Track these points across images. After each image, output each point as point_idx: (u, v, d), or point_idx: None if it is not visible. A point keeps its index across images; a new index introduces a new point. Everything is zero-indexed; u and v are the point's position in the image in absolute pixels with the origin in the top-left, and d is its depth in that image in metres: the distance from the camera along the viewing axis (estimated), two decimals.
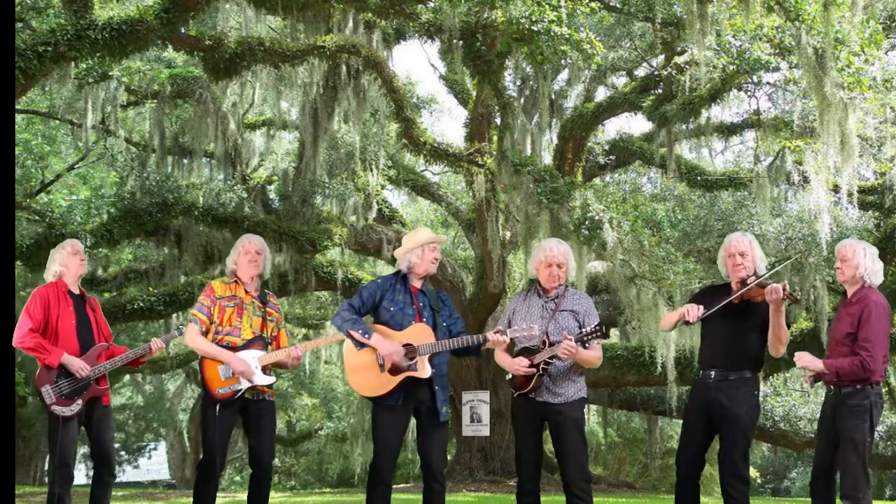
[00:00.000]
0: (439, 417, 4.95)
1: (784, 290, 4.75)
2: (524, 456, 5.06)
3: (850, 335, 5.04)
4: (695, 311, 4.97)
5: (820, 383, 5.36)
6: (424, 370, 4.86)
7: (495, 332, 4.94)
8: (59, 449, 5.30)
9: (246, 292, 5.38)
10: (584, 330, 4.93)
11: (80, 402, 5.37)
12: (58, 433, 5.30)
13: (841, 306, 5.28)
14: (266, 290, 5.59)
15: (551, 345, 4.91)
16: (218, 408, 5.14)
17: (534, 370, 4.93)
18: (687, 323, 5.06)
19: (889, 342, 5.24)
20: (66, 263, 5.62)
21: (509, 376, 5.14)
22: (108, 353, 5.61)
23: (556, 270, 5.09)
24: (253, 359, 5.23)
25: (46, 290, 5.53)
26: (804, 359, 5.15)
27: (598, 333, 4.89)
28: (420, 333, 4.92)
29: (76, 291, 5.65)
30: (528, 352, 5.01)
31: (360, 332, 4.88)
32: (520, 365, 4.96)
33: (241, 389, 5.19)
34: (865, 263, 5.13)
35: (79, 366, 5.36)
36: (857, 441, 4.96)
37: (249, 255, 5.38)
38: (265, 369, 5.29)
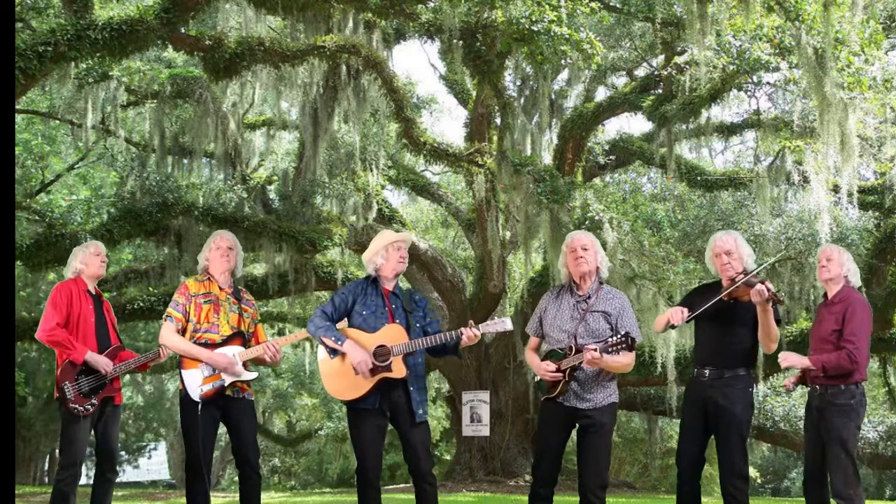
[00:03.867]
0: (416, 419, 4.90)
1: (768, 290, 4.78)
2: (543, 460, 4.99)
3: (835, 332, 5.17)
4: (678, 316, 4.98)
5: (802, 385, 5.48)
6: (400, 370, 4.85)
7: (469, 329, 4.87)
8: (70, 447, 5.34)
9: (220, 289, 5.35)
10: (609, 340, 4.76)
11: (95, 401, 5.41)
12: (74, 430, 5.33)
13: (822, 307, 5.42)
14: (239, 287, 5.57)
15: (578, 350, 4.78)
16: (200, 407, 5.10)
17: (559, 376, 4.83)
18: (673, 326, 5.08)
19: (870, 342, 5.35)
20: (87, 262, 5.66)
21: (537, 379, 5.06)
22: (121, 355, 5.66)
23: (582, 252, 4.98)
24: (233, 354, 5.20)
25: (69, 285, 5.56)
26: (790, 358, 5.25)
27: (624, 345, 4.71)
28: (393, 334, 4.91)
29: (93, 291, 5.69)
30: (555, 356, 4.92)
31: (333, 338, 4.88)
32: (546, 370, 4.88)
33: (223, 385, 5.15)
34: (848, 265, 5.35)
35: (105, 362, 5.41)
36: (845, 439, 5.06)
37: (221, 251, 5.37)
38: (244, 365, 5.26)
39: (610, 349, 4.72)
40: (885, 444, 16.32)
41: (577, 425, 4.94)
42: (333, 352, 4.93)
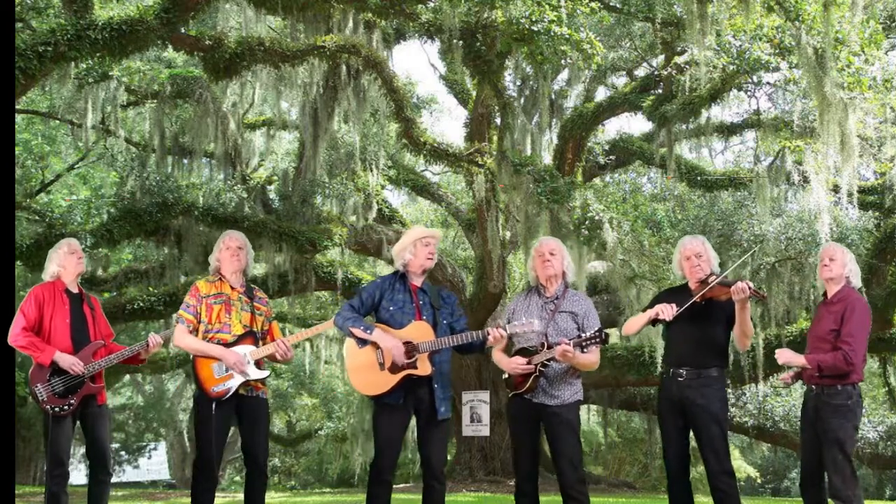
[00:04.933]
0: (437, 416, 4.95)
1: (749, 288, 4.87)
2: (521, 456, 5.11)
3: (832, 332, 5.16)
4: (669, 310, 5.07)
5: (799, 382, 5.49)
6: (425, 367, 4.87)
7: (496, 329, 4.95)
8: (52, 447, 5.31)
9: (232, 288, 5.37)
10: (583, 335, 4.94)
11: (73, 400, 5.38)
12: (51, 431, 5.30)
13: (822, 306, 5.42)
14: (252, 286, 5.59)
15: (549, 346, 4.93)
16: (214, 406, 5.12)
17: (531, 368, 4.95)
18: (658, 322, 5.15)
19: (868, 342, 5.34)
20: (64, 263, 5.63)
21: (506, 376, 5.16)
22: (105, 350, 5.60)
23: (549, 256, 5.14)
24: (244, 353, 5.23)
25: (42, 289, 5.55)
26: (785, 355, 5.26)
27: (597, 339, 4.90)
28: (420, 331, 4.93)
29: (75, 290, 5.65)
30: (525, 352, 5.03)
31: (362, 328, 4.90)
32: (517, 364, 4.98)
33: (235, 385, 5.18)
34: (851, 265, 5.34)
35: (71, 362, 5.36)
36: (843, 440, 5.06)
37: (231, 251, 5.39)
38: (258, 364, 5.28)
39: (584, 343, 4.90)
40: (885, 444, 16.31)
41: (544, 423, 5.02)
42: (362, 342, 4.92)
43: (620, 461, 21.95)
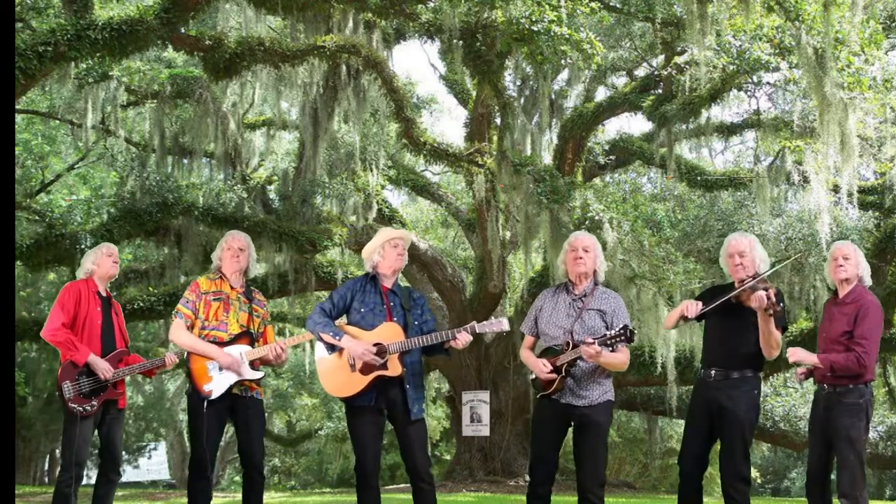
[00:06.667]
0: (411, 416, 4.91)
1: (768, 299, 4.67)
2: (541, 459, 4.99)
3: (846, 333, 5.04)
4: (693, 308, 4.96)
5: (810, 381, 5.38)
6: (395, 368, 4.86)
7: (461, 330, 4.92)
8: (70, 448, 5.36)
9: (231, 288, 5.40)
10: (608, 333, 4.79)
11: (95, 402, 5.44)
12: (74, 430, 5.35)
13: (832, 306, 5.29)
14: (252, 287, 5.63)
15: (575, 346, 4.81)
16: (206, 405, 5.14)
17: (553, 377, 4.84)
18: (686, 319, 5.04)
19: (881, 342, 5.25)
20: (99, 262, 5.72)
21: (532, 376, 5.07)
22: (127, 359, 5.70)
23: (582, 253, 5.01)
24: (240, 353, 5.24)
25: (79, 286, 5.62)
26: (798, 353, 5.14)
27: (623, 337, 4.74)
28: (390, 332, 4.93)
29: (103, 294, 5.73)
30: (552, 352, 4.94)
31: (331, 334, 4.90)
32: (542, 368, 4.89)
33: (229, 385, 5.19)
34: (864, 263, 5.25)
35: (104, 367, 5.45)
36: (854, 439, 4.97)
37: (232, 251, 5.43)
38: (253, 364, 5.30)
39: (609, 341, 4.75)
40: (885, 444, 16.32)
41: (573, 424, 4.93)
42: (332, 348, 4.93)
43: (620, 461, 21.93)
